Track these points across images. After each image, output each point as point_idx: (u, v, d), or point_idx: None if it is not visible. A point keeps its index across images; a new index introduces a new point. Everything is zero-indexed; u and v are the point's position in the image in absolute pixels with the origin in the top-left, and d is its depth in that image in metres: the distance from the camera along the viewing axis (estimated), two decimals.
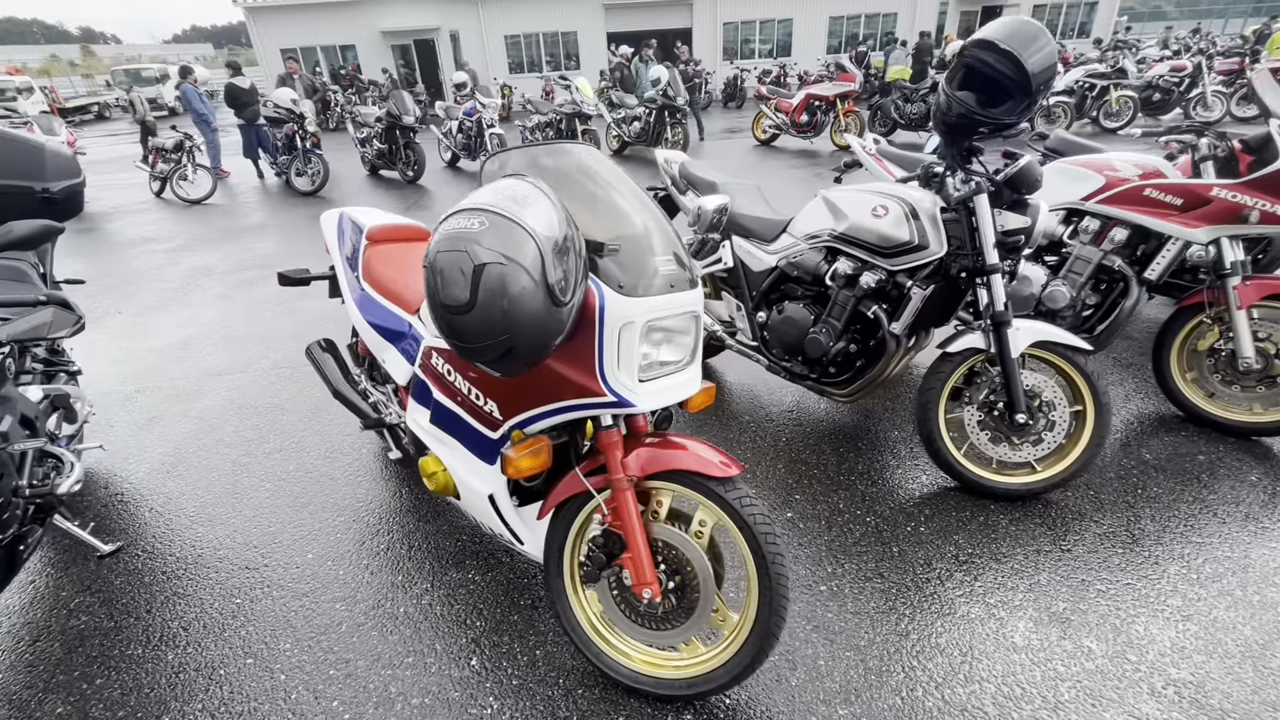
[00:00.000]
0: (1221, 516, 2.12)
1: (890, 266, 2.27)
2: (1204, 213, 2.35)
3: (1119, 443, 2.54)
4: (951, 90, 1.89)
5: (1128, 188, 2.50)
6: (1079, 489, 2.28)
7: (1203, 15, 43.73)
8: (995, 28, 1.81)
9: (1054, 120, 9.91)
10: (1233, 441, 2.50)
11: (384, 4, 20.38)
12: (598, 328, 1.31)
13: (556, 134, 9.86)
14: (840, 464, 2.50)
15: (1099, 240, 2.60)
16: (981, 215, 2.06)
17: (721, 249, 2.87)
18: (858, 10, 21.72)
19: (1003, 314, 2.07)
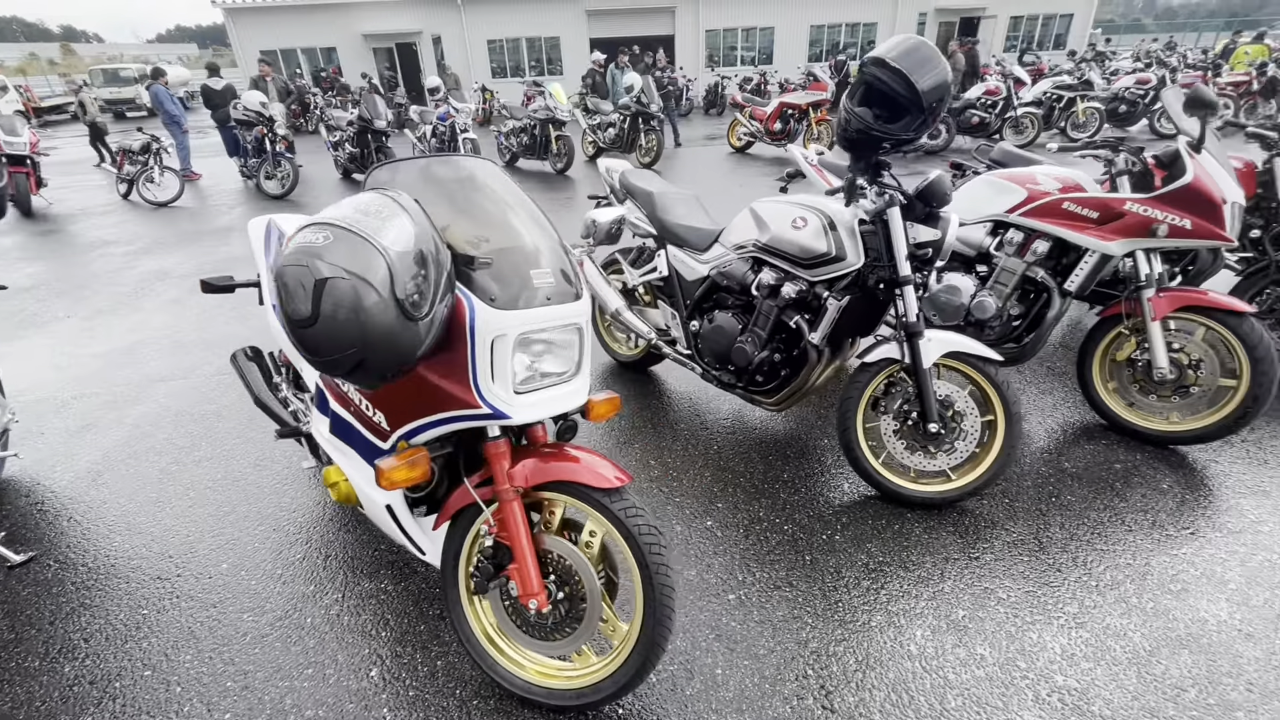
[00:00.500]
0: (1129, 524, 2.16)
1: (810, 277, 2.30)
2: (1118, 226, 2.41)
3: (1041, 450, 2.58)
4: (851, 106, 1.92)
5: (1048, 200, 2.55)
6: (995, 497, 2.32)
7: (1178, 29, 44.68)
8: (889, 46, 1.85)
9: (1022, 131, 10.06)
10: (1150, 450, 2.55)
11: (366, 7, 20.32)
12: (469, 340, 1.31)
13: (530, 140, 9.86)
14: (767, 472, 2.52)
15: (1022, 252, 2.65)
16: (894, 228, 2.10)
17: (657, 258, 2.89)
18: (838, 19, 21.97)
19: (914, 325, 2.10)
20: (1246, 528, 2.12)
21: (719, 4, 21.27)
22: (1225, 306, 2.31)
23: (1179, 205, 2.30)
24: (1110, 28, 53.85)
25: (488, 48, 21.34)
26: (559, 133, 9.51)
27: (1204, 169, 2.27)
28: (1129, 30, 54.62)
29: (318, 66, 20.95)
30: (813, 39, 22.10)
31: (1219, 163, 2.30)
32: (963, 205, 2.85)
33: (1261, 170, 2.99)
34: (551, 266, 1.43)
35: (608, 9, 20.90)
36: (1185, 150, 2.30)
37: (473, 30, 20.88)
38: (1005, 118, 10.19)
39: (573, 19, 21.04)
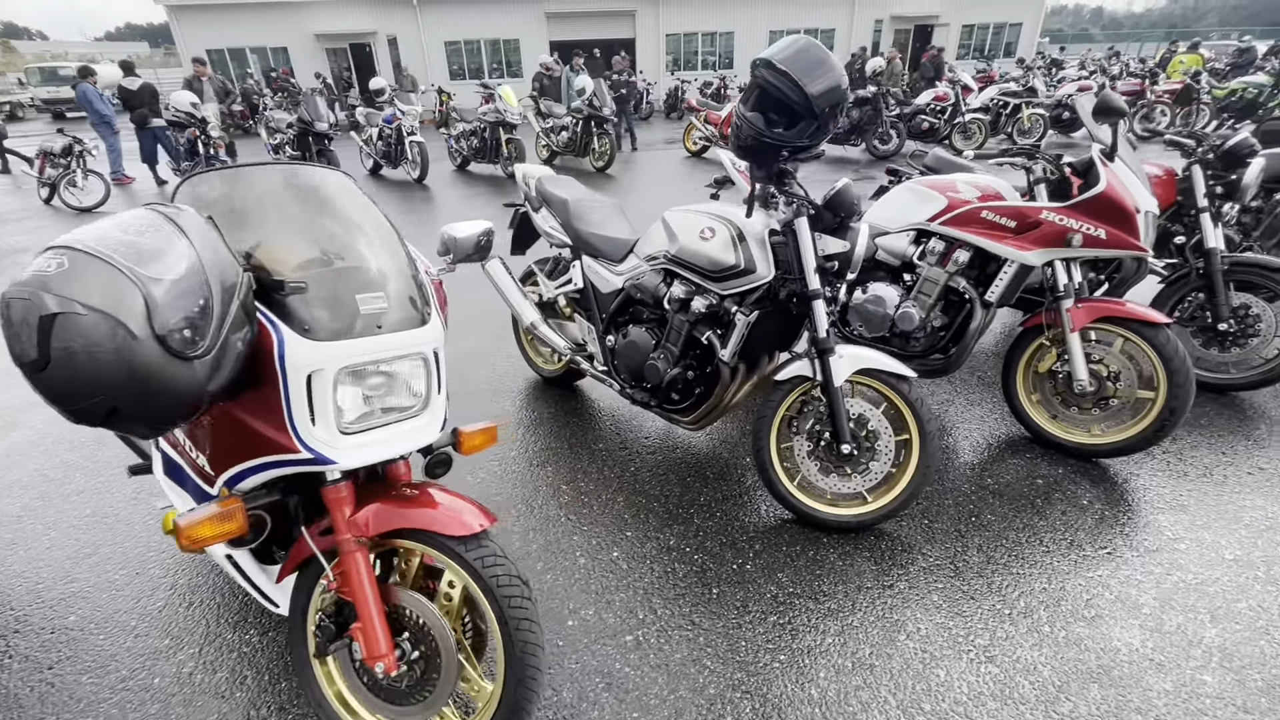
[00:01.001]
0: (1048, 545, 2.09)
1: (720, 291, 2.18)
2: (1035, 235, 2.35)
3: (966, 465, 2.51)
4: (743, 111, 1.81)
5: (967, 209, 2.49)
6: (915, 518, 2.23)
7: (1123, 39, 46.43)
8: (777, 48, 1.74)
9: (970, 137, 10.22)
10: (1073, 464, 2.50)
11: (318, 6, 19.77)
12: (280, 375, 1.15)
13: (481, 143, 9.64)
14: (683, 495, 2.39)
15: (944, 261, 2.58)
16: (801, 239, 1.99)
17: (572, 269, 2.75)
18: (796, 25, 22.15)
19: (824, 341, 1.99)
20: (1163, 545, 2.07)
21: (679, 8, 21.30)
22: (1141, 317, 2.26)
23: (1093, 214, 2.25)
24: (1059, 37, 55.77)
25: (446, 49, 20.98)
26: (510, 136, 9.30)
27: (1117, 178, 2.23)
28: (1076, 40, 56.64)
29: (269, 67, 20.31)
30: (771, 43, 22.25)
31: (1132, 171, 2.26)
32: (886, 213, 2.77)
33: (1181, 177, 2.98)
34: (392, 289, 1.28)
35: (567, 11, 20.74)
36: (1098, 158, 2.26)
37: (429, 31, 20.49)
38: (954, 123, 10.34)
39: (532, 21, 20.81)
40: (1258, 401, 2.89)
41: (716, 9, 21.55)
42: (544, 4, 20.63)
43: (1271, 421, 2.73)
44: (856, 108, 10.26)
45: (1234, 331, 2.89)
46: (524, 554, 2.11)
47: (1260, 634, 1.73)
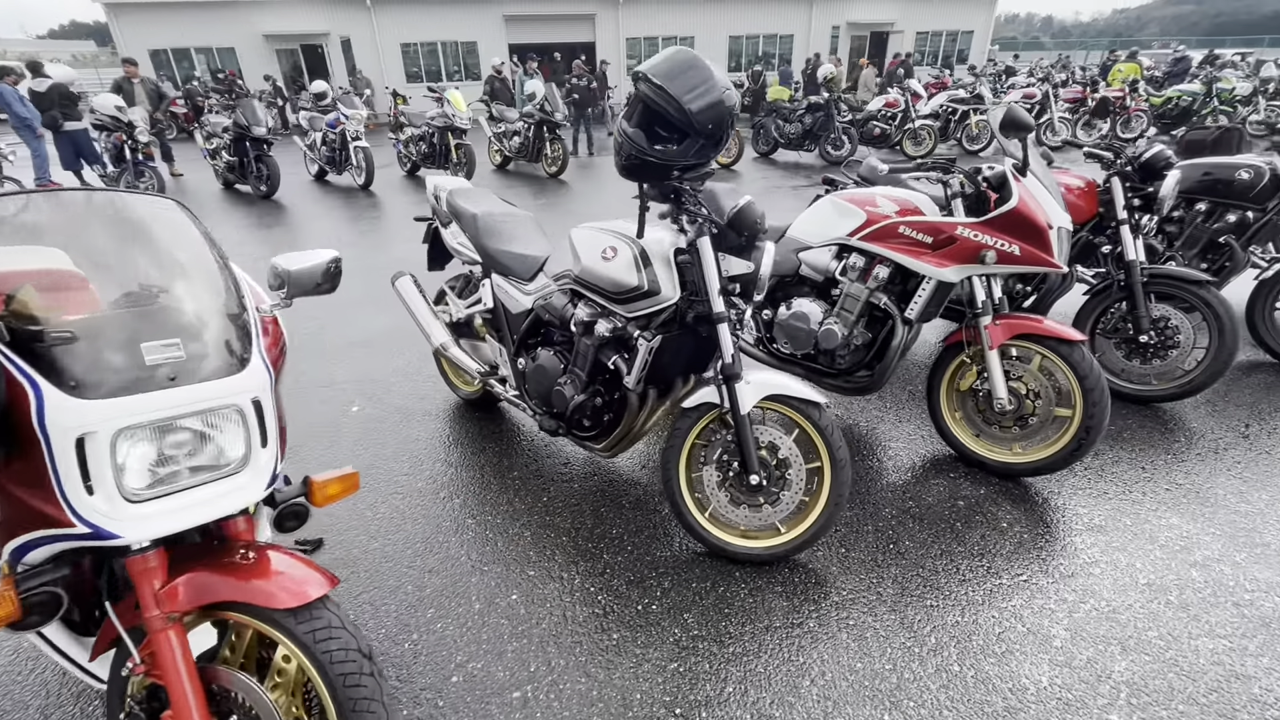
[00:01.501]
0: (964, 573, 2.02)
1: (626, 313, 2.06)
2: (951, 251, 2.29)
3: (889, 488, 2.44)
4: (625, 128, 1.69)
5: (885, 224, 2.42)
6: (832, 547, 2.14)
7: (1072, 47, 48.12)
8: (655, 62, 1.63)
9: (920, 143, 10.36)
10: (996, 483, 2.45)
11: (267, 6, 19.16)
12: (42, 439, 0.99)
13: (430, 148, 9.39)
14: (595, 527, 2.26)
15: (865, 277, 2.51)
16: (704, 259, 1.88)
17: (482, 288, 2.61)
18: (756, 30, 22.38)
19: (730, 366, 1.89)
20: (1079, 570, 2.02)
21: (639, 13, 21.27)
22: (1057, 335, 2.22)
23: (1007, 230, 2.20)
24: (1012, 45, 57.56)
25: (402, 51, 20.55)
26: (459, 141, 9.08)
27: (1029, 193, 2.18)
28: (1028, 47, 58.48)
29: (215, 68, 19.60)
30: (732, 49, 22.41)
31: (1045, 186, 2.22)
32: (809, 227, 2.70)
33: (1102, 189, 2.98)
34: (205, 334, 1.13)
35: (526, 14, 20.52)
36: (1011, 173, 2.21)
37: (384, 33, 20.05)
38: (904, 130, 10.48)
39: (490, 24, 20.53)
40: (1179, 413, 2.90)
41: (676, 13, 21.58)
42: (502, 6, 20.38)
43: (1191, 434, 2.73)
44: (809, 114, 10.32)
45: (1155, 343, 2.89)
46: (416, 600, 1.96)
47: (1169, 666, 1.69)
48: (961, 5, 23.51)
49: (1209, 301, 2.71)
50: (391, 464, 2.65)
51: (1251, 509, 2.27)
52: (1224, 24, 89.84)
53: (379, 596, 1.98)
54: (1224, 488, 2.38)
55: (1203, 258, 3.48)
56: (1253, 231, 3.33)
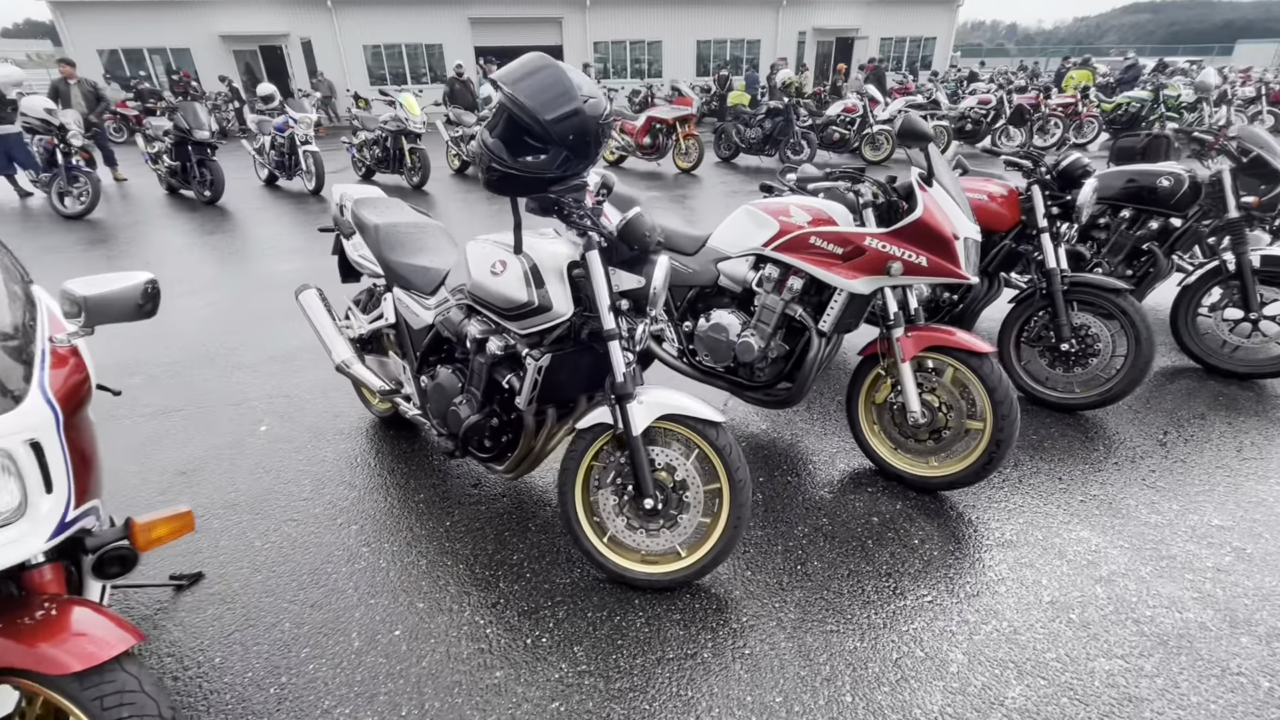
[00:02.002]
0: (869, 595, 1.96)
1: (519, 330, 1.96)
2: (860, 263, 2.24)
3: (804, 505, 2.38)
4: (488, 138, 1.60)
5: (797, 234, 2.37)
6: (738, 570, 2.07)
7: (1036, 54, 49.33)
8: (509, 68, 1.54)
9: (879, 148, 10.45)
10: (914, 498, 2.40)
11: (223, 5, 18.72)
12: None
13: (383, 153, 9.19)
14: (495, 554, 2.16)
15: (780, 288, 2.46)
16: (593, 273, 1.80)
17: (384, 302, 2.49)
18: (724, 35, 22.49)
19: (622, 386, 1.81)
20: (984, 589, 1.97)
21: (606, 16, 21.23)
22: (966, 347, 2.19)
23: (913, 241, 2.15)
24: (977, 51, 58.80)
25: (365, 53, 20.22)
26: (413, 145, 8.91)
27: (934, 202, 2.14)
28: (992, 54, 59.90)
29: (171, 69, 19.06)
30: (700, 53, 22.48)
31: (951, 195, 2.18)
32: (727, 237, 2.63)
33: (1023, 197, 2.97)
34: None
35: (492, 17, 20.35)
36: (917, 182, 2.17)
37: (347, 34, 19.71)
38: (863, 135, 10.56)
39: (455, 26, 20.32)
40: (1101, 421, 2.90)
41: (643, 17, 21.59)
42: (467, 9, 20.18)
43: (1110, 442, 2.73)
44: (769, 119, 10.35)
45: (1076, 351, 2.89)
46: (293, 638, 1.84)
47: (1063, 690, 1.64)
48: (925, 12, 23.92)
49: (1126, 310, 2.71)
50: (291, 488, 2.52)
51: (1161, 520, 2.25)
52: (1178, 32, 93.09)
53: (253, 635, 1.85)
54: (1136, 498, 2.37)
55: (1128, 264, 3.50)
56: (1175, 238, 3.36)
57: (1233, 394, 3.11)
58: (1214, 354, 3.29)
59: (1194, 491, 2.40)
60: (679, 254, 2.79)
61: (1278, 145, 3.17)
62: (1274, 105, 12.85)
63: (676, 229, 2.81)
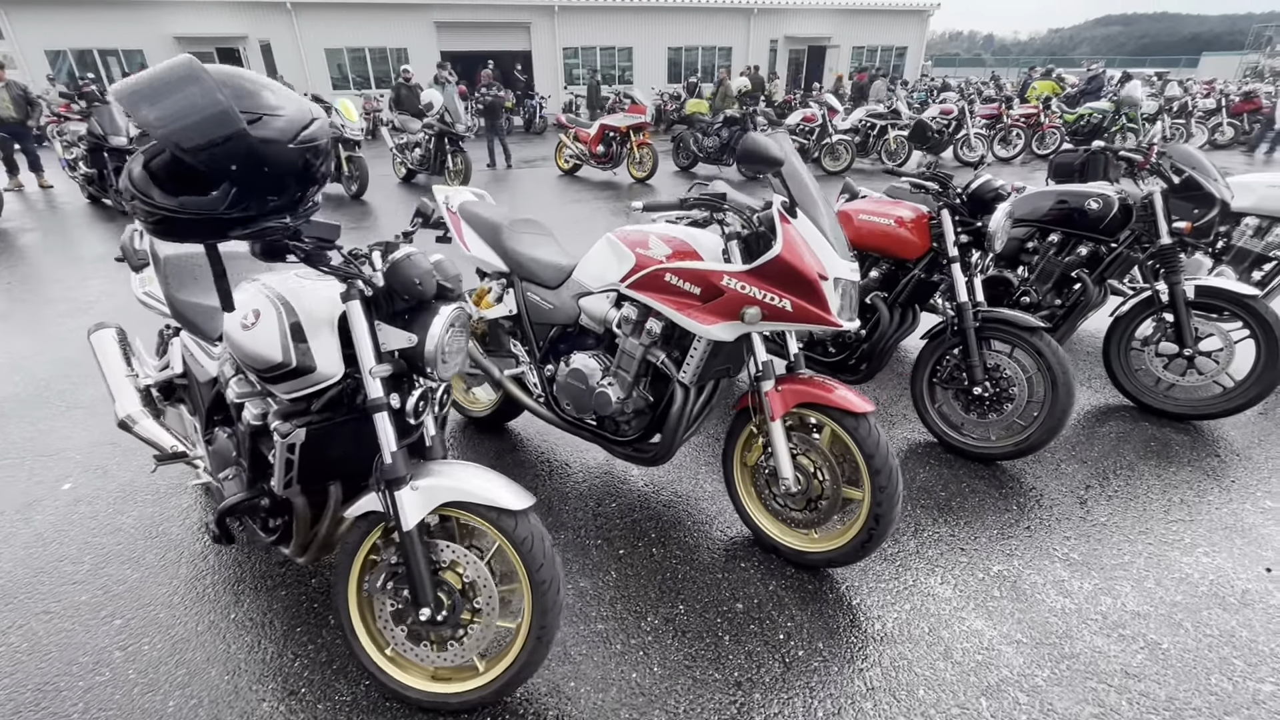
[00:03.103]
0: (706, 715, 1.62)
1: (282, 393, 1.60)
2: (719, 305, 1.90)
3: (662, 586, 2.03)
4: (135, 169, 1.22)
5: (653, 270, 2.03)
6: (554, 678, 1.72)
7: (1010, 64, 49.99)
8: (131, 81, 1.17)
9: (838, 158, 10.23)
10: (791, 576, 2.07)
11: (178, 6, 18.13)
12: None
13: None
14: (276, 659, 1.78)
15: (639, 331, 2.12)
16: (354, 329, 1.45)
17: (170, 347, 2.12)
18: (695, 42, 22.30)
19: (391, 468, 1.45)
20: (846, 705, 1.64)
21: (576, 22, 20.94)
22: (841, 405, 1.86)
23: (774, 281, 1.82)
24: (955, 61, 59.54)
25: (327, 57, 19.71)
26: (349, 153, 8.49)
27: (797, 237, 1.81)
28: (968, 64, 60.76)
29: (124, 72, 18.41)
30: (671, 60, 22.27)
31: (821, 228, 1.85)
32: (589, 269, 2.29)
33: (933, 222, 2.67)
34: None
35: (458, 22, 19.96)
36: (778, 213, 1.84)
37: (308, 37, 19.20)
38: (822, 145, 10.33)
39: (421, 30, 19.89)
40: (1020, 473, 2.60)
41: (614, 24, 21.33)
42: (433, 13, 19.77)
43: (1025, 501, 2.42)
44: (725, 127, 10.09)
45: (990, 395, 2.58)
46: None
47: None
48: (895, 22, 23.94)
49: (1041, 350, 2.41)
50: (66, 566, 2.13)
51: (1070, 605, 1.94)
52: (1148, 45, 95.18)
53: None
54: (1045, 575, 2.06)
55: (1058, 292, 3.22)
56: (1105, 265, 3.08)
57: (1166, 438, 2.82)
58: (1148, 392, 3.01)
59: (1111, 565, 2.10)
60: (541, 287, 2.45)
61: (1212, 165, 2.90)
62: (1234, 117, 12.89)
63: (540, 257, 2.46)
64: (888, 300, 2.79)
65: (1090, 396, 3.21)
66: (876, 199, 2.85)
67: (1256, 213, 3.40)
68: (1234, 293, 2.72)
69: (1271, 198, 3.35)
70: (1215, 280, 2.79)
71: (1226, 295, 2.75)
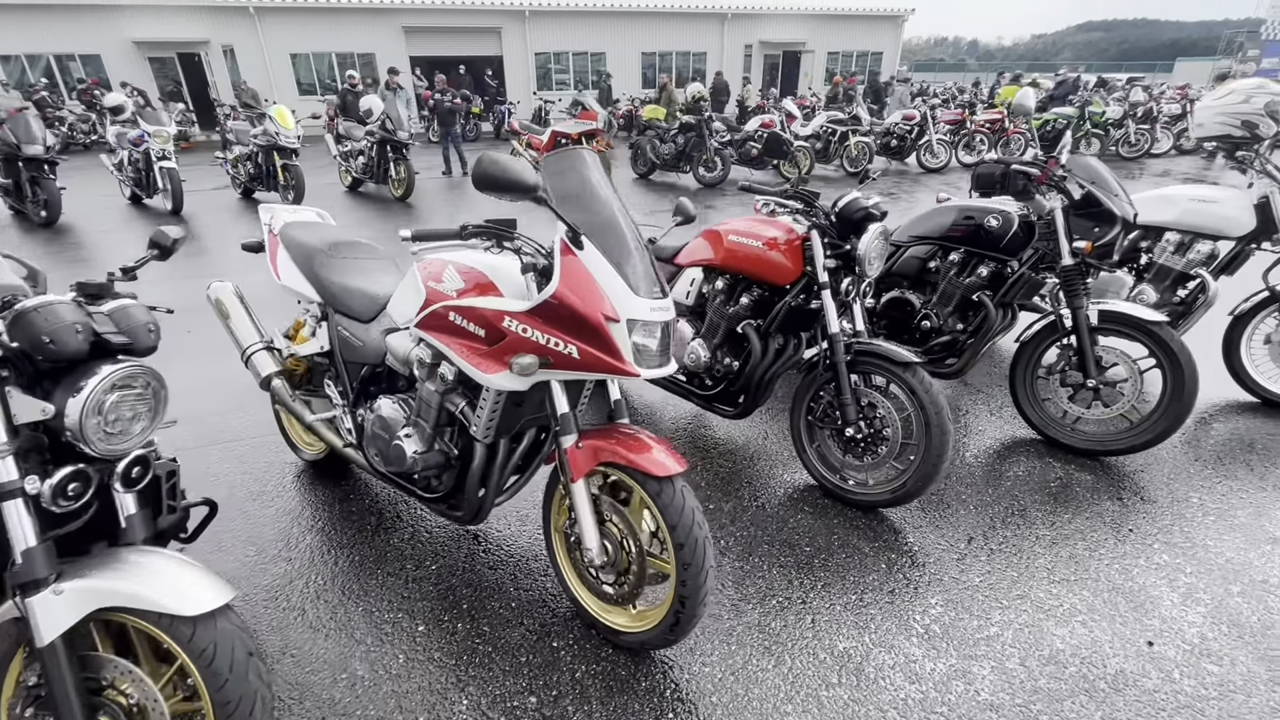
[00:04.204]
0: None
1: None
2: (504, 349, 1.63)
3: (456, 677, 1.76)
4: None
5: (440, 306, 1.75)
6: None
7: (995, 69, 50.21)
8: None
9: (798, 165, 10.02)
10: (608, 657, 1.79)
11: (137, 10, 17.71)
12: None
13: (255, 169, 8.46)
14: None
15: (433, 376, 1.84)
16: None
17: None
18: (669, 48, 22.13)
19: (25, 571, 1.17)
20: None
21: (547, 26, 20.72)
22: (641, 467, 1.58)
23: (556, 324, 1.55)
24: (939, 66, 60.02)
25: (292, 62, 19.36)
26: (286, 162, 8.18)
27: (581, 272, 1.54)
28: (950, 69, 61.21)
29: (79, 77, 17.99)
30: (645, 64, 22.08)
31: (615, 262, 1.57)
32: (396, 303, 2.01)
33: (803, 243, 2.41)
34: None
35: (427, 26, 19.69)
36: (561, 244, 1.56)
37: (272, 42, 18.85)
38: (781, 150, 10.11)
39: (389, 35, 19.60)
40: (898, 523, 2.34)
41: (586, 29, 21.12)
42: (401, 17, 19.49)
43: (896, 560, 2.16)
44: (681, 134, 9.86)
45: (864, 436, 2.33)
46: None
47: None
48: (870, 28, 23.88)
49: (914, 387, 2.16)
50: None
51: (914, 694, 1.67)
52: (1128, 50, 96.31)
53: None
54: (897, 652, 1.79)
55: (961, 316, 2.98)
56: (1008, 287, 2.84)
57: (1069, 478, 2.58)
58: (1054, 425, 2.77)
59: (975, 639, 1.84)
60: (354, 321, 2.17)
61: (1114, 180, 2.67)
62: None
63: (352, 285, 2.19)
64: (760, 329, 2.52)
65: (1000, 428, 2.96)
66: (749, 218, 2.59)
67: (1177, 228, 3.18)
68: (1137, 318, 2.49)
69: (1193, 212, 3.13)
70: (1119, 304, 2.55)
71: (1130, 321, 2.51)
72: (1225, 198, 3.07)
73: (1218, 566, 2.09)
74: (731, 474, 2.64)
